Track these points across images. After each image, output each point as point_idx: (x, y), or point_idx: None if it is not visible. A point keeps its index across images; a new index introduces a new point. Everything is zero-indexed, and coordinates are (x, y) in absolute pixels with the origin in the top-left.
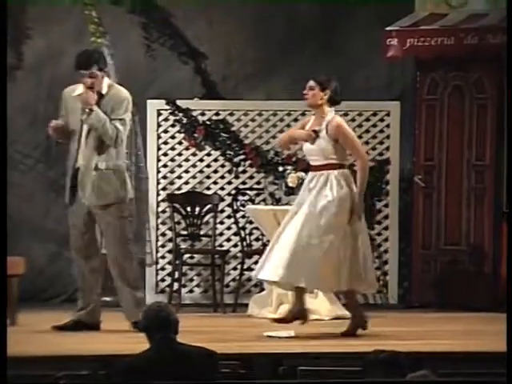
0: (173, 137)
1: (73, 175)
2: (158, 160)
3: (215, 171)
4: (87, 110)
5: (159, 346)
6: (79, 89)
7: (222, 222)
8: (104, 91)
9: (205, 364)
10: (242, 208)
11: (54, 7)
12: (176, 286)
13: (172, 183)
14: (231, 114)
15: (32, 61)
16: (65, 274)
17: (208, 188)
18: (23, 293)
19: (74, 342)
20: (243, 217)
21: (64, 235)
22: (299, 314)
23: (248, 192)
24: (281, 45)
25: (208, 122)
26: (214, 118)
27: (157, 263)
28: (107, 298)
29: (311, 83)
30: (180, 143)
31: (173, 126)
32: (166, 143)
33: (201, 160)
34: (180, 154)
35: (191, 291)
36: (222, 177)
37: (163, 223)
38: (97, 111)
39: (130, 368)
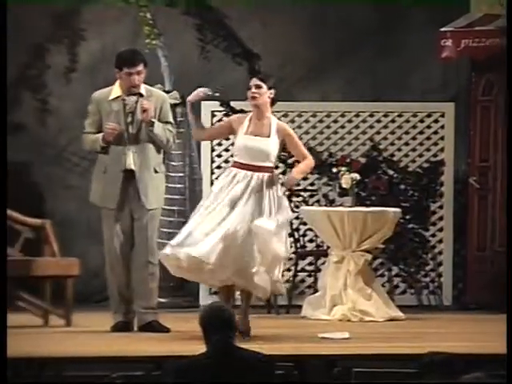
0: (227, 138)
1: (124, 179)
2: (212, 161)
3: None
4: (149, 121)
5: (217, 349)
6: (115, 91)
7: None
8: (143, 92)
9: (261, 370)
10: (295, 209)
11: (109, 9)
12: None
13: None
14: (285, 116)
15: (87, 62)
16: None
17: None
18: (78, 294)
19: (127, 343)
20: (297, 218)
21: None
22: None
23: (302, 193)
24: (335, 46)
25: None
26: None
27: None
28: (162, 300)
29: (257, 82)
30: (233, 144)
31: None
32: (219, 144)
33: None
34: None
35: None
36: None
37: None
38: (156, 121)
39: (185, 369)
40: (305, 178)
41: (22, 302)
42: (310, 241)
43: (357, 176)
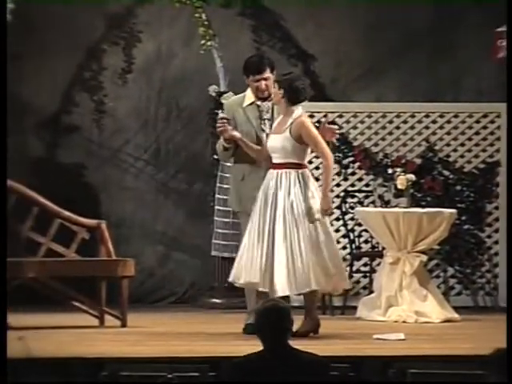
0: None
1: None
2: None
3: None
4: None
5: (271, 349)
6: (248, 97)
7: (331, 225)
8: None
9: (316, 371)
10: (350, 210)
11: (164, 10)
12: None
13: None
14: (340, 116)
15: (142, 64)
16: (174, 275)
17: None
18: (134, 295)
19: (183, 345)
20: (352, 219)
21: (173, 237)
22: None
23: (357, 194)
24: (390, 46)
25: (317, 124)
26: (323, 120)
27: None
28: (217, 300)
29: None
30: None
31: None
32: None
33: (310, 162)
34: None
35: (299, 294)
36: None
37: None
38: None
39: (240, 368)
40: (360, 179)
41: (77, 302)
42: (365, 242)
43: (412, 177)
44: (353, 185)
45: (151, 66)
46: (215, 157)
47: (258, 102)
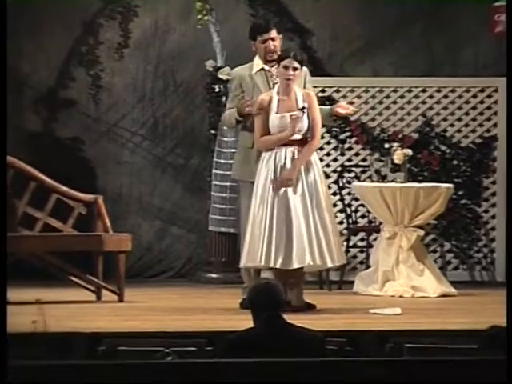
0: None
1: None
2: None
3: (321, 148)
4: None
5: (266, 324)
6: (256, 64)
7: None
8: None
9: (312, 346)
10: (347, 185)
11: None
12: None
13: None
14: (337, 91)
15: (139, 39)
16: (171, 250)
17: None
18: (131, 270)
19: (179, 319)
20: (349, 194)
21: (170, 212)
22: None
23: (354, 169)
24: (387, 21)
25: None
26: (320, 94)
27: None
28: (214, 275)
29: (295, 64)
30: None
31: None
32: None
33: None
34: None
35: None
36: (328, 154)
37: None
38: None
39: (236, 343)
40: (357, 154)
41: (74, 277)
42: (362, 216)
43: (409, 151)
44: (350, 159)
45: (148, 41)
46: (212, 132)
47: (266, 67)
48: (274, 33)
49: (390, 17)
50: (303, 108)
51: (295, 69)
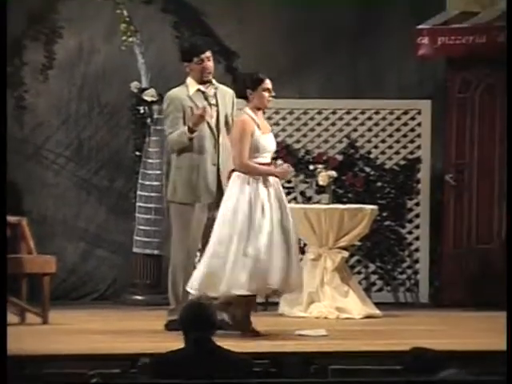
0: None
1: (216, 174)
2: None
3: None
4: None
5: (194, 346)
6: (191, 86)
7: None
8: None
9: (238, 368)
10: None
11: (86, 6)
12: None
13: None
14: (263, 113)
15: (64, 60)
16: (96, 272)
17: None
18: (55, 292)
19: (104, 341)
20: None
21: (95, 234)
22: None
23: None
24: (313, 43)
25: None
26: None
27: None
28: (139, 297)
29: (270, 85)
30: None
31: None
32: None
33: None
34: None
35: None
36: None
37: None
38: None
39: (162, 364)
40: None
41: None
42: None
43: (334, 173)
44: None
45: (73, 62)
46: (137, 153)
47: (203, 88)
48: (209, 52)
49: (315, 39)
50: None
51: (270, 91)
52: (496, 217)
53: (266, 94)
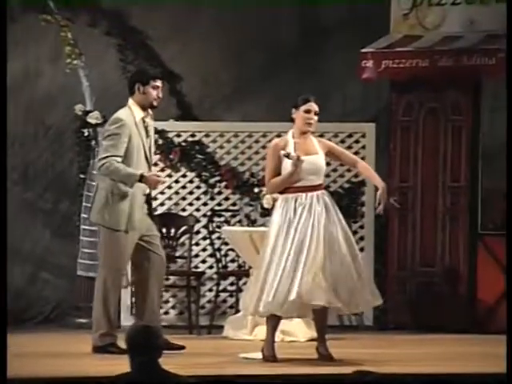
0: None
1: (146, 201)
2: None
3: (191, 192)
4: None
5: (139, 369)
6: (137, 112)
7: (197, 244)
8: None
9: None
10: (217, 229)
11: (30, 29)
12: None
13: None
14: (207, 136)
15: (9, 83)
16: (41, 295)
17: (183, 209)
18: None
19: (47, 365)
20: (219, 238)
21: (40, 257)
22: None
23: (223, 213)
24: (256, 66)
25: (183, 144)
26: (190, 139)
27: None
28: (83, 320)
29: (316, 108)
30: (155, 164)
31: None
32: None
33: (176, 181)
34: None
35: (166, 313)
36: (198, 198)
37: None
38: None
39: None
40: (226, 199)
41: None
42: (232, 261)
43: (278, 196)
44: (219, 204)
45: (18, 85)
46: (81, 176)
47: (147, 119)
48: (160, 82)
49: (260, 62)
50: (288, 154)
51: (316, 113)
52: (439, 240)
53: (307, 116)
